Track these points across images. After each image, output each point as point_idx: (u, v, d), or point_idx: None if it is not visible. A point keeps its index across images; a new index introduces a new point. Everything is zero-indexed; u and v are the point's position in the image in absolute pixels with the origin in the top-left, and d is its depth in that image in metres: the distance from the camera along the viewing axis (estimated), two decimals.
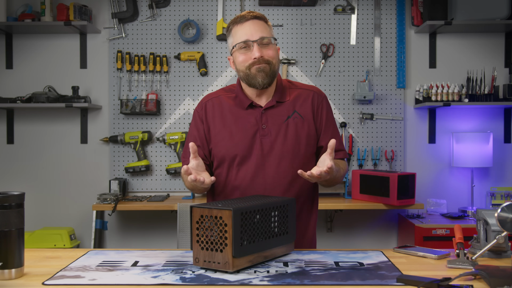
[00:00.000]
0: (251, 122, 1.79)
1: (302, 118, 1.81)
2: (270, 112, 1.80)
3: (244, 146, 1.77)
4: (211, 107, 1.85)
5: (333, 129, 1.86)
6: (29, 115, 3.73)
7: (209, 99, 1.88)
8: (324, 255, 1.59)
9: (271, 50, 1.75)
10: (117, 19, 3.66)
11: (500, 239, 1.46)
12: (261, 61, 1.73)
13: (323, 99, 1.87)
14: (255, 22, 1.75)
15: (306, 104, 1.83)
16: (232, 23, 1.79)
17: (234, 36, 1.77)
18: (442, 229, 3.16)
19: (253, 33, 1.73)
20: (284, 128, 1.79)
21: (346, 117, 3.70)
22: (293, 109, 1.81)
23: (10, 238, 1.32)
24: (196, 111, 1.88)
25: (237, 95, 1.84)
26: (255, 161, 1.77)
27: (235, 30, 1.77)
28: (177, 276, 1.36)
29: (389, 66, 3.71)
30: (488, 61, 3.71)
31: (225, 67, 3.70)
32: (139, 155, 3.63)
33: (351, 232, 3.75)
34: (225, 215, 1.36)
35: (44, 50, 3.73)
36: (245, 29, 1.74)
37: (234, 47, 1.76)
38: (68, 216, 3.71)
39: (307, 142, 1.81)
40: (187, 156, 1.84)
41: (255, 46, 1.73)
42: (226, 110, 1.83)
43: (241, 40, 1.74)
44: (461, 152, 3.55)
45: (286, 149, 1.77)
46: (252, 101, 1.80)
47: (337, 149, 1.84)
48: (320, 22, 3.70)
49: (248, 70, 1.75)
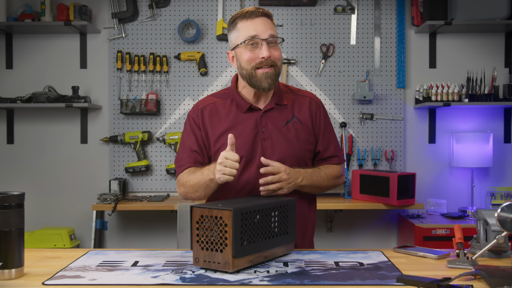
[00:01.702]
0: (250, 125, 1.76)
1: (301, 124, 1.80)
2: (269, 115, 1.78)
3: (246, 150, 1.74)
4: (208, 114, 1.79)
5: (329, 134, 1.87)
6: (29, 115, 3.73)
7: (205, 105, 1.81)
8: (324, 255, 1.59)
9: (278, 52, 1.72)
10: (117, 19, 3.66)
11: (500, 239, 1.46)
12: (268, 62, 1.69)
13: (320, 105, 1.87)
14: (264, 19, 1.71)
15: (304, 110, 1.82)
16: (238, 17, 1.72)
17: (241, 30, 1.70)
18: (442, 229, 3.16)
19: (263, 31, 1.68)
20: (285, 133, 1.77)
21: (346, 117, 3.70)
22: (292, 114, 1.80)
23: (10, 238, 1.32)
24: (190, 118, 1.82)
25: (233, 98, 1.80)
26: (257, 166, 1.74)
27: (243, 25, 1.70)
28: (177, 276, 1.36)
29: (389, 66, 3.71)
30: (488, 61, 3.71)
31: (225, 67, 3.70)
32: (139, 155, 3.63)
33: (351, 232, 3.75)
34: (225, 215, 1.36)
35: (44, 50, 3.73)
36: (255, 24, 1.69)
37: (243, 43, 1.70)
38: (68, 216, 3.71)
39: (306, 147, 1.80)
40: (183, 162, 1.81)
41: (264, 45, 1.68)
42: (224, 116, 1.78)
43: (249, 35, 1.68)
44: (461, 152, 3.55)
45: (287, 153, 1.76)
46: (251, 104, 1.77)
47: (332, 155, 1.86)
48: (320, 22, 3.70)
49: (253, 71, 1.70)
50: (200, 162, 1.79)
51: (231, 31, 1.75)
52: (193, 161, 1.79)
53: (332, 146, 1.87)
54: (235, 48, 1.74)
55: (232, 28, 1.74)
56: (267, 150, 1.75)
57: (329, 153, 1.86)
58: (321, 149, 1.84)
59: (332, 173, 1.83)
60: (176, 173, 1.84)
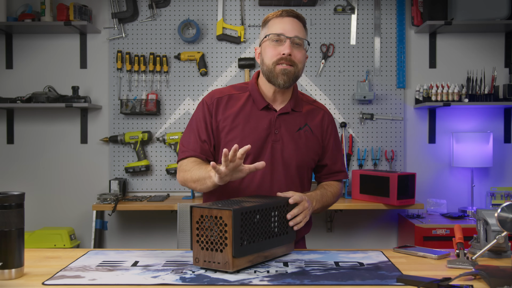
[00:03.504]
0: (264, 124, 1.77)
1: (312, 133, 1.82)
2: (284, 118, 1.79)
3: (255, 148, 1.74)
4: (224, 105, 1.79)
5: (338, 149, 1.91)
6: (29, 115, 3.73)
7: (222, 96, 1.81)
8: (324, 255, 1.59)
9: (301, 54, 1.74)
10: (117, 19, 3.66)
11: (500, 239, 1.46)
12: (288, 60, 1.70)
13: (332, 120, 1.90)
14: (294, 20, 1.74)
15: (317, 121, 1.85)
16: (271, 15, 1.77)
17: (270, 27, 1.75)
18: (442, 229, 3.16)
19: (290, 30, 1.72)
20: (296, 138, 1.79)
21: (346, 117, 3.70)
22: (305, 122, 1.82)
23: (10, 238, 1.32)
24: (205, 103, 1.81)
25: (252, 93, 1.80)
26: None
27: (273, 22, 1.75)
28: (177, 276, 1.36)
29: (389, 66, 3.71)
30: (488, 61, 3.71)
31: (225, 67, 3.70)
32: (139, 155, 3.63)
33: (351, 232, 3.75)
34: (225, 215, 1.36)
35: (44, 50, 3.73)
36: (283, 23, 1.73)
37: (267, 36, 1.73)
38: (68, 216, 3.71)
39: (312, 157, 1.83)
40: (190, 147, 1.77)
41: (287, 42, 1.70)
42: (239, 109, 1.78)
43: (276, 31, 1.72)
44: (461, 152, 3.55)
45: (295, 159, 1.78)
46: (268, 103, 1.78)
47: (340, 170, 1.91)
48: (320, 22, 3.70)
49: (273, 66, 1.72)
50: (207, 152, 1.78)
51: (262, 28, 1.80)
52: (200, 151, 1.77)
53: (340, 161, 1.92)
54: (262, 43, 1.78)
55: (264, 25, 1.79)
56: (276, 152, 1.76)
57: (337, 168, 1.90)
58: (329, 162, 1.88)
59: (337, 192, 1.89)
60: (179, 155, 1.81)
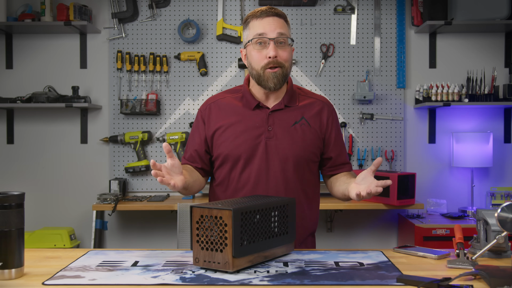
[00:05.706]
0: (257, 123, 1.77)
1: (309, 126, 1.79)
2: (277, 115, 1.78)
3: (248, 146, 1.75)
4: (216, 109, 1.82)
5: (341, 141, 1.88)
6: (29, 115, 3.73)
7: (215, 100, 1.85)
8: (324, 255, 1.59)
9: (286, 52, 1.72)
10: (117, 19, 3.66)
11: (500, 239, 1.46)
12: (275, 62, 1.70)
13: (333, 111, 1.87)
14: (275, 19, 1.72)
15: (315, 114, 1.82)
16: (251, 16, 1.75)
17: (251, 29, 1.74)
18: (442, 229, 3.16)
19: (271, 30, 1.70)
20: (291, 133, 1.77)
21: (346, 117, 3.70)
22: (301, 116, 1.80)
23: (10, 238, 1.32)
24: (200, 111, 1.86)
25: (244, 95, 1.81)
26: (259, 164, 1.74)
27: (253, 24, 1.73)
28: (177, 276, 1.36)
29: (389, 66, 3.71)
30: (488, 61, 3.71)
31: (225, 67, 3.70)
32: (139, 155, 3.63)
33: (351, 232, 3.75)
34: (225, 215, 1.36)
35: (44, 50, 3.73)
36: (264, 24, 1.71)
37: (251, 41, 1.73)
38: (68, 216, 3.71)
39: (312, 150, 1.80)
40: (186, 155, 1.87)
41: (271, 44, 1.69)
42: (231, 110, 1.80)
43: (257, 33, 1.71)
44: (461, 152, 3.55)
45: (291, 153, 1.76)
46: (259, 102, 1.78)
47: (345, 161, 1.87)
48: (320, 22, 3.70)
49: (262, 71, 1.72)
50: (198, 160, 1.83)
51: (244, 30, 1.79)
52: (191, 160, 1.84)
53: (344, 153, 1.88)
54: (246, 46, 1.77)
55: (245, 26, 1.78)
56: (271, 149, 1.75)
57: (342, 160, 1.86)
58: (333, 155, 1.84)
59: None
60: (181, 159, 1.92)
